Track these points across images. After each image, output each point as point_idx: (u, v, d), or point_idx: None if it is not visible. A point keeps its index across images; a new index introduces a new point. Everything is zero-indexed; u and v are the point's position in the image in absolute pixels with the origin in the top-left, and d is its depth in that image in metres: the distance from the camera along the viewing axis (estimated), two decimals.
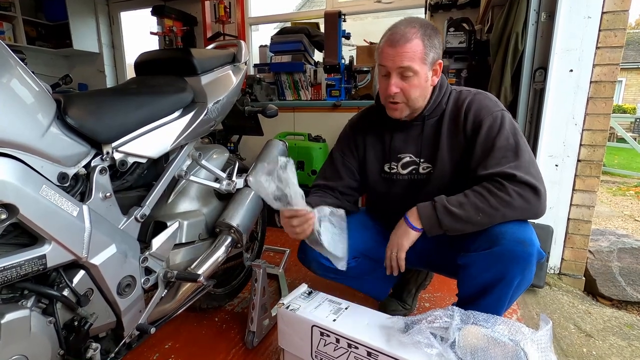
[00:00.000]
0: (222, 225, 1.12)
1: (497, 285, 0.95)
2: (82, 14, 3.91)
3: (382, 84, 1.03)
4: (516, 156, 0.93)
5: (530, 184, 0.90)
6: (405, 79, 0.97)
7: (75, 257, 0.73)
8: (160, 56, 1.15)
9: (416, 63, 0.95)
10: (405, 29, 0.96)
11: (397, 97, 1.00)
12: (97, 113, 0.82)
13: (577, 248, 1.86)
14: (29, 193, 0.64)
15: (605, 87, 1.69)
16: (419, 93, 1.00)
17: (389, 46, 0.96)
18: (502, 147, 0.95)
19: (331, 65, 2.62)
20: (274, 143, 1.42)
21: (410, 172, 1.12)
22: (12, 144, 0.62)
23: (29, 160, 0.66)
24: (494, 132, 0.97)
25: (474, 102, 1.02)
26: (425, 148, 1.08)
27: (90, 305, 0.77)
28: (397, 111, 1.03)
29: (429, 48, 0.96)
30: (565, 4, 1.67)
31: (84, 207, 0.75)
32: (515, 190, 0.90)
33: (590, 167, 1.76)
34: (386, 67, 0.98)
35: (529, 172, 0.91)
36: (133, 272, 0.86)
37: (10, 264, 0.62)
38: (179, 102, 1.01)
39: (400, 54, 0.94)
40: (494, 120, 0.98)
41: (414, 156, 1.10)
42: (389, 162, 1.14)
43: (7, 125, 0.61)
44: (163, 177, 0.98)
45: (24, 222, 0.64)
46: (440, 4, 2.72)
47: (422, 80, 0.98)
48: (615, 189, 5.04)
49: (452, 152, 1.04)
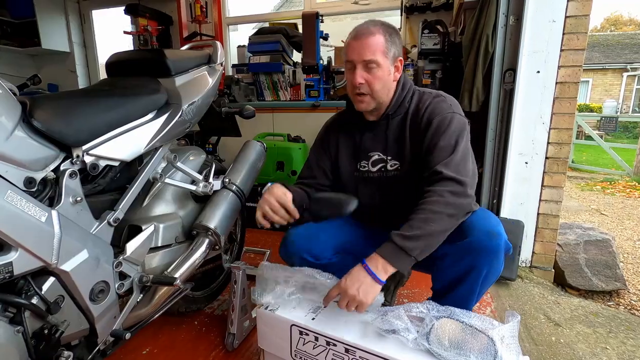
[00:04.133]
0: (199, 228, 1.11)
1: (469, 276, 1.00)
2: (51, 11, 3.75)
3: (348, 78, 1.09)
4: (449, 155, 0.99)
5: (453, 177, 0.95)
6: (370, 70, 1.03)
7: (45, 264, 0.71)
8: (132, 57, 1.13)
9: (379, 56, 1.02)
10: (368, 26, 1.04)
11: (363, 88, 1.05)
12: (65, 115, 0.80)
13: (546, 241, 1.94)
14: None
15: (569, 88, 1.78)
16: (382, 85, 1.06)
17: (355, 40, 1.04)
18: (442, 146, 1.01)
19: (309, 66, 2.63)
20: (252, 144, 1.42)
21: (380, 170, 1.16)
22: None
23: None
24: (440, 131, 1.03)
25: (432, 104, 1.09)
26: (392, 146, 1.13)
27: (61, 312, 0.75)
28: (364, 103, 1.08)
29: (390, 44, 1.04)
30: (532, 8, 1.75)
31: (53, 212, 0.73)
32: (443, 189, 0.94)
33: (557, 164, 1.85)
34: (352, 60, 1.04)
35: (457, 170, 0.96)
36: (106, 277, 0.84)
37: None
38: (152, 104, 1.00)
39: (365, 46, 1.01)
40: (442, 121, 1.04)
41: (381, 154, 1.15)
42: (360, 160, 1.18)
43: None
44: (137, 180, 0.96)
45: None
46: (415, 6, 2.78)
47: (385, 73, 1.04)
48: (584, 184, 5.28)
49: (414, 149, 1.09)
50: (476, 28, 1.96)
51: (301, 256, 1.15)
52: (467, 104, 1.99)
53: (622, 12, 44.26)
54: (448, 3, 2.67)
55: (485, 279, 1.01)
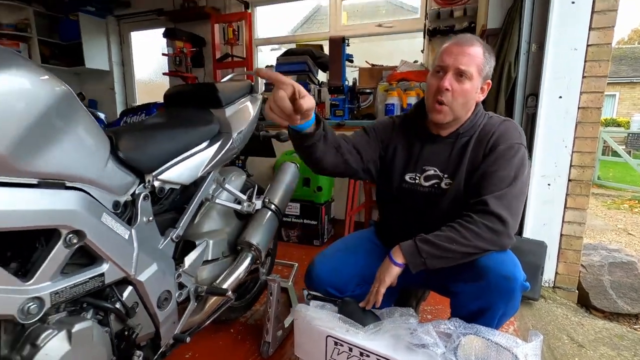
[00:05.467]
0: (244, 244, 1.23)
1: (484, 314, 1.02)
2: (94, 34, 4.06)
3: (433, 83, 1.04)
4: (507, 186, 0.98)
5: (499, 216, 0.95)
6: (460, 80, 1.00)
7: (126, 275, 0.84)
8: (188, 90, 1.27)
9: (474, 68, 0.99)
10: (471, 37, 1.04)
11: (446, 96, 1.00)
12: (141, 146, 0.93)
13: (570, 262, 1.97)
14: (94, 220, 0.75)
15: (592, 113, 1.83)
16: (465, 100, 1.02)
17: (455, 45, 1.01)
18: (501, 176, 0.99)
19: (335, 87, 2.76)
20: (288, 166, 1.54)
21: (432, 186, 1.12)
22: (81, 179, 0.74)
23: (93, 192, 0.77)
24: (503, 159, 1.01)
25: (501, 127, 1.06)
26: (451, 165, 1.09)
27: (136, 317, 0.87)
28: (441, 114, 1.03)
29: (487, 61, 1.02)
30: (554, 36, 1.82)
31: (133, 231, 0.86)
32: (484, 223, 0.95)
33: (580, 187, 1.89)
34: (446, 64, 1.00)
35: (507, 205, 0.96)
36: (170, 287, 0.97)
37: (78, 281, 0.73)
38: (208, 133, 1.13)
39: (464, 54, 0.98)
40: (509, 149, 1.02)
41: (438, 170, 1.11)
42: (413, 172, 1.14)
43: (78, 164, 0.73)
44: (194, 201, 1.09)
45: (89, 245, 0.75)
46: (438, 29, 2.89)
47: (472, 89, 1.01)
48: (610, 202, 5.17)
49: (469, 170, 1.07)
50: (499, 54, 2.04)
51: (326, 290, 1.19)
52: None
53: None
54: (470, 27, 2.76)
55: (502, 317, 1.02)
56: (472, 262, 0.99)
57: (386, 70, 3.04)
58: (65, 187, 0.71)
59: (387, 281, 1.04)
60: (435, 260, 0.98)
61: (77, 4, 3.82)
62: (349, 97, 2.84)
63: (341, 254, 1.25)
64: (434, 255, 0.97)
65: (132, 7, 4.05)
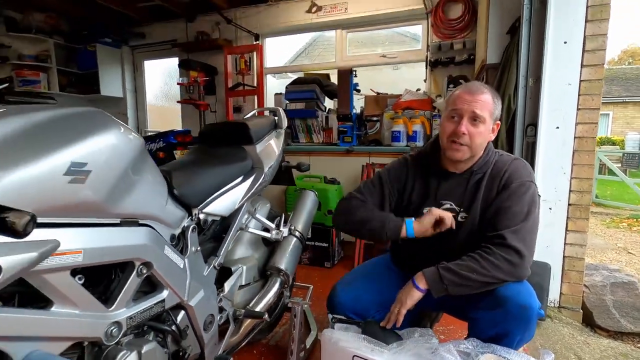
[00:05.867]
0: (273, 269, 1.33)
1: (502, 340, 1.09)
2: (110, 63, 4.26)
3: (448, 126, 1.15)
4: (521, 222, 1.08)
5: (516, 249, 1.05)
6: (475, 124, 1.11)
7: (180, 300, 0.94)
8: (222, 128, 1.40)
9: (486, 113, 1.11)
10: (480, 85, 1.16)
11: (464, 139, 1.11)
12: (190, 183, 1.05)
13: (573, 283, 2.06)
14: (159, 252, 0.86)
15: (587, 142, 1.97)
16: (481, 140, 1.13)
17: (467, 93, 1.13)
18: (515, 211, 1.09)
19: (344, 114, 2.92)
20: (308, 194, 1.66)
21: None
22: (149, 216, 0.85)
23: (157, 227, 0.88)
24: (515, 196, 1.11)
25: (512, 165, 1.17)
26: (467, 199, 1.19)
27: (187, 339, 0.97)
28: (460, 152, 1.14)
29: (496, 106, 1.15)
30: (549, 72, 1.98)
31: (185, 260, 0.97)
32: (502, 255, 1.05)
33: (579, 210, 2.00)
34: (460, 110, 1.12)
35: (522, 239, 1.06)
36: (213, 311, 1.06)
37: (146, 306, 0.83)
38: (243, 169, 1.25)
39: (476, 100, 1.11)
40: (520, 186, 1.13)
41: (454, 205, 1.20)
42: (429, 205, 1.22)
43: (147, 203, 0.84)
44: (231, 231, 1.20)
45: (155, 274, 0.85)
46: (439, 60, 3.07)
47: (486, 130, 1.13)
48: (609, 221, 5.27)
49: (483, 205, 1.17)
50: (498, 87, 2.20)
51: (347, 315, 1.28)
52: None
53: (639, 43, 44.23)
54: (470, 59, 2.95)
55: (519, 342, 1.11)
56: (491, 291, 1.08)
57: (391, 98, 3.21)
58: (138, 224, 0.82)
59: (409, 304, 1.13)
60: (457, 288, 1.08)
61: (96, 35, 4.03)
62: (357, 124, 2.99)
63: (361, 281, 1.34)
64: (455, 282, 1.07)
65: (146, 38, 4.26)
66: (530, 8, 2.00)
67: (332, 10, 3.42)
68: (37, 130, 0.62)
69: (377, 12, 3.30)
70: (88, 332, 0.70)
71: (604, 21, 1.89)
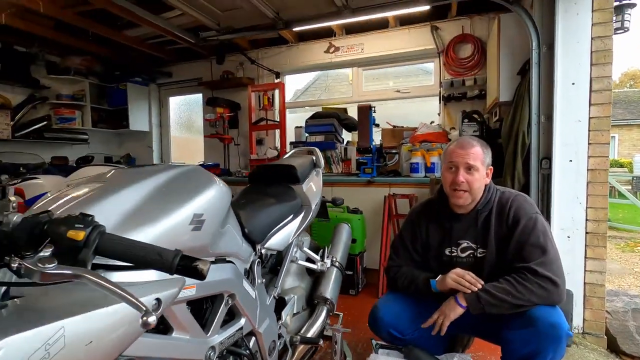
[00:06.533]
0: (320, 298, 1.45)
1: (535, 358, 1.20)
2: (138, 100, 4.55)
3: (448, 177, 1.37)
4: (542, 254, 1.24)
5: (550, 278, 1.21)
6: (470, 173, 1.32)
7: (252, 327, 1.06)
8: (271, 169, 1.57)
9: (478, 162, 1.33)
10: (470, 140, 1.38)
11: (463, 186, 1.32)
12: (254, 222, 1.20)
13: (595, 309, 2.13)
14: (239, 285, 1.00)
15: (599, 174, 2.10)
16: (478, 185, 1.33)
17: (460, 148, 1.35)
18: (533, 244, 1.26)
19: (364, 147, 3.10)
20: (343, 227, 1.80)
21: (468, 256, 1.40)
22: (232, 254, 1.00)
23: (237, 263, 1.02)
24: (528, 230, 1.28)
25: (515, 202, 1.35)
26: (480, 236, 1.38)
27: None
28: (462, 199, 1.34)
29: (485, 155, 1.36)
30: (559, 109, 2.14)
31: (255, 291, 1.10)
32: (537, 282, 1.21)
33: (597, 239, 2.11)
34: (456, 162, 1.34)
35: (551, 269, 1.22)
36: (275, 337, 1.18)
37: (230, 333, 0.96)
38: (294, 207, 1.41)
39: (468, 154, 1.33)
40: (529, 221, 1.30)
41: (471, 242, 1.39)
42: (449, 246, 1.42)
43: (232, 243, 0.99)
44: (285, 263, 1.34)
45: (236, 304, 0.99)
46: (452, 96, 3.28)
47: (481, 176, 1.34)
48: (624, 245, 5.28)
49: (498, 240, 1.34)
50: (512, 123, 2.37)
51: (388, 331, 1.41)
52: (510, 185, 2.33)
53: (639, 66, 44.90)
54: (481, 94, 3.15)
55: None
56: (522, 312, 1.21)
57: (407, 130, 3.40)
58: (225, 261, 0.97)
59: (451, 317, 1.28)
60: (492, 308, 1.23)
61: (127, 75, 4.34)
62: (376, 156, 3.16)
63: (402, 300, 1.45)
64: (491, 303, 1.23)
65: (173, 77, 4.56)
66: (538, 52, 2.20)
67: (349, 50, 3.69)
68: (164, 189, 0.78)
69: (392, 52, 3.55)
70: (195, 355, 0.83)
71: (608, 65, 2.07)
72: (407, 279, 1.43)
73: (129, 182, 0.75)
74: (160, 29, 3.30)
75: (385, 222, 2.77)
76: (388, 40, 3.54)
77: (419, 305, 1.44)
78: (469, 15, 3.21)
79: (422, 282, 1.39)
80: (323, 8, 2.75)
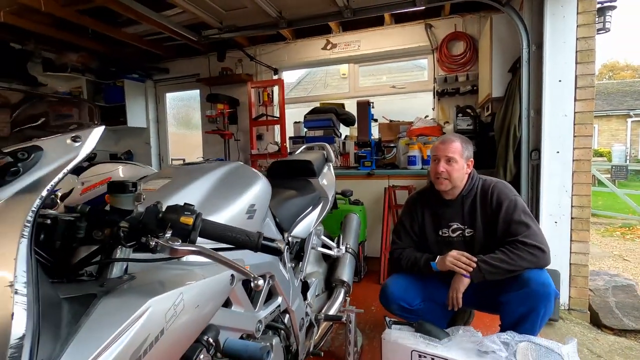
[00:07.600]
0: (337, 281, 1.60)
1: (530, 315, 1.42)
2: (135, 96, 4.56)
3: (432, 167, 1.60)
4: (527, 228, 1.46)
5: (537, 246, 1.43)
6: (449, 164, 1.54)
7: (287, 305, 1.20)
8: (289, 164, 1.69)
9: (457, 155, 1.54)
10: (452, 136, 1.62)
11: (443, 175, 1.55)
12: (283, 212, 1.33)
13: (580, 287, 2.34)
14: (278, 267, 1.13)
15: (583, 164, 2.29)
16: (457, 175, 1.55)
17: (441, 144, 1.59)
18: (517, 221, 1.48)
19: (364, 141, 3.24)
20: (353, 217, 1.94)
21: (458, 235, 1.62)
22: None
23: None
24: (511, 210, 1.50)
25: (496, 188, 1.57)
26: (467, 218, 1.60)
27: (291, 336, 1.22)
28: (443, 185, 1.57)
29: (465, 149, 1.57)
30: (547, 105, 2.32)
31: (289, 273, 1.23)
32: (527, 250, 1.43)
33: (581, 223, 2.31)
34: (438, 155, 1.57)
35: (536, 239, 1.45)
36: (303, 315, 1.32)
37: (271, 310, 1.09)
38: (314, 199, 1.54)
39: (448, 148, 1.55)
40: (510, 202, 1.52)
41: (459, 224, 1.62)
42: (442, 228, 1.64)
43: (271, 233, 1.12)
44: (307, 250, 1.47)
45: (275, 284, 1.12)
46: (445, 91, 3.44)
47: (460, 167, 1.55)
48: (603, 230, 5.61)
49: (485, 222, 1.56)
50: (504, 117, 2.54)
51: (398, 303, 1.59)
52: (502, 175, 2.51)
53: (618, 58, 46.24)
54: (473, 89, 3.31)
55: (543, 317, 1.43)
56: (517, 276, 1.43)
57: (403, 125, 3.55)
58: None
59: (461, 289, 1.49)
60: (491, 275, 1.44)
61: (124, 72, 4.35)
62: (375, 149, 3.30)
63: (408, 277, 1.64)
64: (489, 271, 1.44)
65: (170, 73, 4.59)
66: (528, 51, 2.36)
67: (346, 47, 3.80)
68: (222, 183, 0.90)
69: (387, 49, 3.68)
70: (248, 327, 0.96)
71: (591, 63, 2.25)
72: (410, 261, 1.62)
73: (193, 178, 0.87)
74: (162, 27, 3.34)
75: (385, 212, 2.93)
76: (384, 37, 3.67)
77: (424, 282, 1.64)
78: (461, 14, 3.36)
79: (423, 264, 1.58)
80: (324, 8, 2.84)
